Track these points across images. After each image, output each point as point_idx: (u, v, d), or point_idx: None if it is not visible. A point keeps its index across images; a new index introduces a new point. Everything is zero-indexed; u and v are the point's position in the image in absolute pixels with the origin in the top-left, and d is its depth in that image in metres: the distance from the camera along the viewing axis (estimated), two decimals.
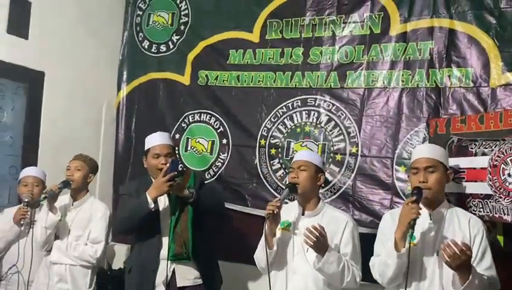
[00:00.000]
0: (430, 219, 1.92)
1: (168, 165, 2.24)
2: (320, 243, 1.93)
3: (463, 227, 1.90)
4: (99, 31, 3.62)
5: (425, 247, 1.89)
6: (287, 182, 2.23)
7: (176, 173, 2.21)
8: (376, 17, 2.95)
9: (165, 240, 2.30)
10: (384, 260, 1.88)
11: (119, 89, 3.79)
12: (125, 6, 3.85)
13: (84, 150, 3.36)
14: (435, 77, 2.73)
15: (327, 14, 3.10)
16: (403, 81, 2.83)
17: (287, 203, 2.27)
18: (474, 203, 2.14)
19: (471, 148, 2.20)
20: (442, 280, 1.83)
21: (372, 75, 2.93)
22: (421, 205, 1.87)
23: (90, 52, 3.54)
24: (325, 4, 3.11)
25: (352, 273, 2.03)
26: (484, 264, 1.81)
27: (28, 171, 2.75)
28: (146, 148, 2.43)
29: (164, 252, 2.27)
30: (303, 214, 2.18)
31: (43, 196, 2.44)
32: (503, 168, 2.01)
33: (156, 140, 2.42)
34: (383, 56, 2.92)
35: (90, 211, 2.64)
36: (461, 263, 1.66)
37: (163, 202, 2.35)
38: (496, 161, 2.04)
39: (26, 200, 2.52)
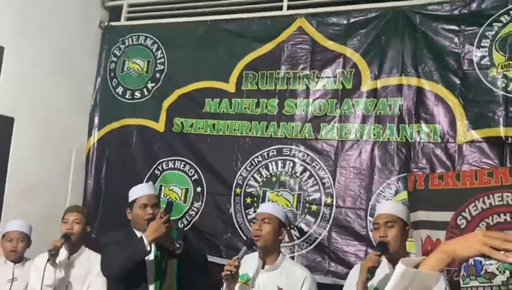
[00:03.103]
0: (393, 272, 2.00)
1: (164, 206, 2.25)
2: None
3: None
4: (72, 77, 3.58)
5: None
6: (248, 239, 2.27)
7: (170, 215, 2.22)
8: (348, 73, 3.10)
9: None
10: None
11: (90, 134, 3.73)
12: (99, 52, 3.85)
13: (51, 197, 3.29)
14: (404, 132, 2.86)
15: (301, 68, 3.22)
16: (374, 135, 2.95)
17: (249, 253, 2.28)
18: None
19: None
20: None
21: (345, 127, 3.04)
22: (385, 260, 2.00)
23: (62, 98, 3.48)
24: (299, 59, 3.24)
25: None
26: None
27: (12, 226, 2.64)
28: (131, 199, 2.42)
29: None
30: (263, 268, 2.20)
31: (51, 253, 2.34)
32: None
33: (142, 191, 2.44)
34: (354, 110, 3.03)
35: (88, 264, 2.55)
36: None
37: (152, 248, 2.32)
38: None
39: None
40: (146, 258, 2.29)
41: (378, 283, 2.01)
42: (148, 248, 2.20)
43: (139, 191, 2.44)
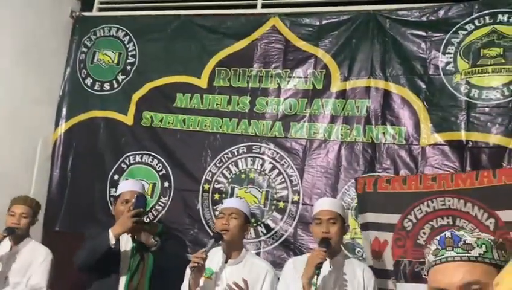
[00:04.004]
0: (330, 266, 2.08)
1: (133, 200, 2.23)
2: None
3: (358, 275, 2.15)
4: (40, 66, 3.49)
5: None
6: (214, 231, 2.29)
7: (141, 209, 2.20)
8: (318, 74, 3.14)
9: (122, 285, 2.23)
10: None
11: (57, 125, 3.65)
12: (69, 42, 3.77)
13: (14, 187, 3.19)
14: (371, 133, 2.93)
15: (273, 67, 3.25)
16: (342, 135, 3.00)
17: (215, 246, 2.30)
18: None
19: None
20: None
21: (314, 127, 3.08)
22: None
23: (30, 88, 3.39)
24: (272, 58, 3.27)
25: None
26: None
27: None
28: (117, 193, 2.43)
29: None
30: (226, 262, 2.23)
31: None
32: None
33: (127, 186, 2.46)
34: (324, 110, 3.08)
35: (31, 256, 2.49)
36: None
37: (125, 244, 2.29)
38: None
39: None
40: (123, 249, 2.30)
41: (322, 280, 2.07)
42: (113, 241, 2.19)
43: (124, 187, 2.47)
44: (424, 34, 2.91)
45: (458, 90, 2.77)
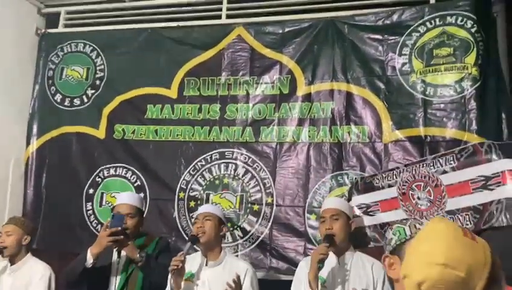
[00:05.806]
0: (338, 264, 2.17)
1: (109, 219, 2.26)
2: None
3: (367, 271, 2.20)
4: (7, 85, 3.49)
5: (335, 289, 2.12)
6: (190, 235, 2.37)
7: (119, 228, 2.23)
8: (284, 79, 3.27)
9: None
10: None
11: (28, 143, 3.64)
12: (36, 59, 3.78)
13: None
14: (336, 133, 3.07)
15: (241, 74, 3.36)
16: (309, 136, 3.13)
17: (189, 254, 2.36)
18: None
19: (376, 183, 2.57)
20: None
21: (283, 130, 3.20)
22: (330, 252, 2.15)
23: None
24: (239, 66, 3.38)
25: None
26: None
27: None
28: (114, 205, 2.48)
29: None
30: (206, 264, 2.31)
31: None
32: (411, 193, 2.38)
33: (121, 199, 2.47)
34: (291, 114, 3.21)
35: (29, 274, 2.50)
36: None
37: (115, 258, 2.34)
38: (403, 189, 2.41)
39: None
40: (117, 264, 2.33)
41: (327, 275, 2.16)
42: (90, 261, 2.22)
43: (118, 200, 2.50)
44: (380, 37, 3.08)
45: (415, 89, 2.95)
